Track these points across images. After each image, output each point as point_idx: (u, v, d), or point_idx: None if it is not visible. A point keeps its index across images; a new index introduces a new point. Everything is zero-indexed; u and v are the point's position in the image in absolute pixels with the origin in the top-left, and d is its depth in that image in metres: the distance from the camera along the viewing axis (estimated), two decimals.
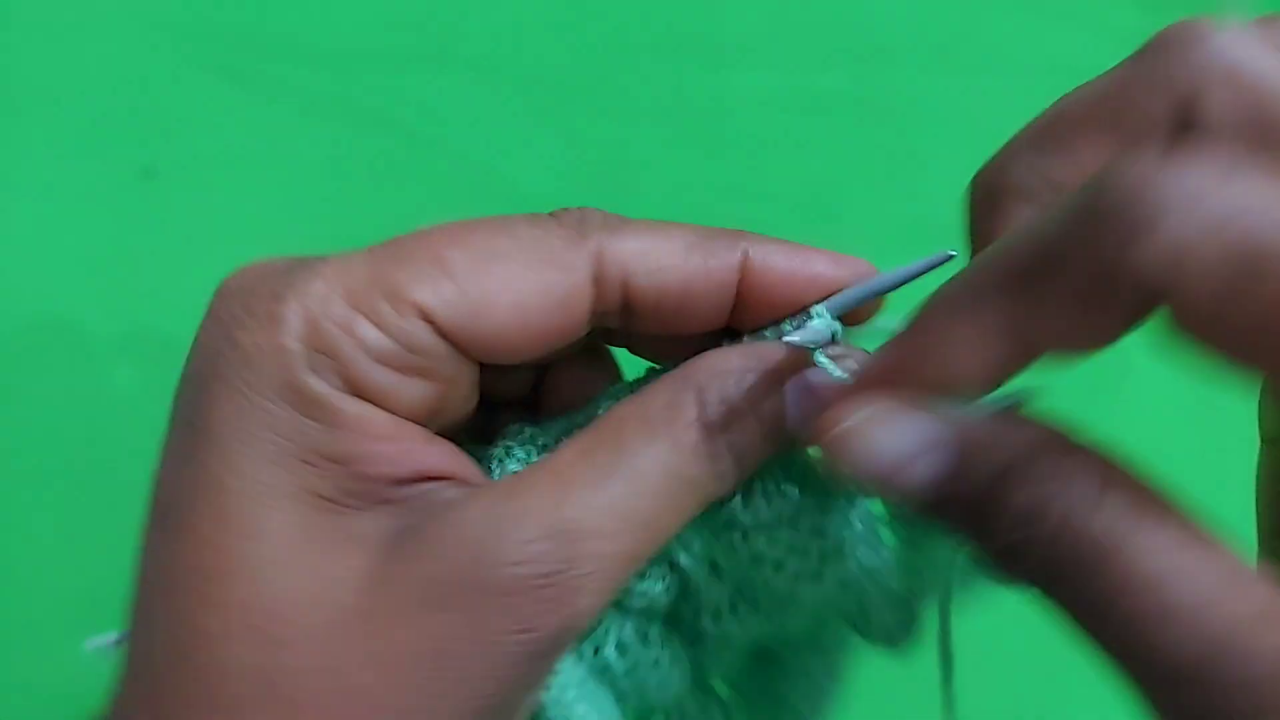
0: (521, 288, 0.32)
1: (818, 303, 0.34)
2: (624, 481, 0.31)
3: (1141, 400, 0.79)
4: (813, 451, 0.35)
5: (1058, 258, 0.26)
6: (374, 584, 0.29)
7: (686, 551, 0.36)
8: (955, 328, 0.28)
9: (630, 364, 0.40)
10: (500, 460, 0.36)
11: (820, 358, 0.33)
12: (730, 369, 0.33)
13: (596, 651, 0.37)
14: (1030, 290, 0.27)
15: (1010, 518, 0.27)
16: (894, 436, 0.29)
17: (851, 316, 0.36)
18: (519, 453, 0.36)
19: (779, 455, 0.35)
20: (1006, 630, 0.45)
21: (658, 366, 0.37)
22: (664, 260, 0.33)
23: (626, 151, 0.82)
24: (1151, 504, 0.26)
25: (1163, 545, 0.25)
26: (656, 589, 0.37)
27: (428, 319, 0.31)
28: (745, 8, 0.86)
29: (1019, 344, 0.28)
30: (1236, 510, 0.34)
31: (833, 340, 0.35)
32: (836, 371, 0.33)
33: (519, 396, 0.40)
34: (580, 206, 0.34)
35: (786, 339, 0.34)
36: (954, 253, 0.34)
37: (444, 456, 0.32)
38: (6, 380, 0.72)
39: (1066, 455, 0.27)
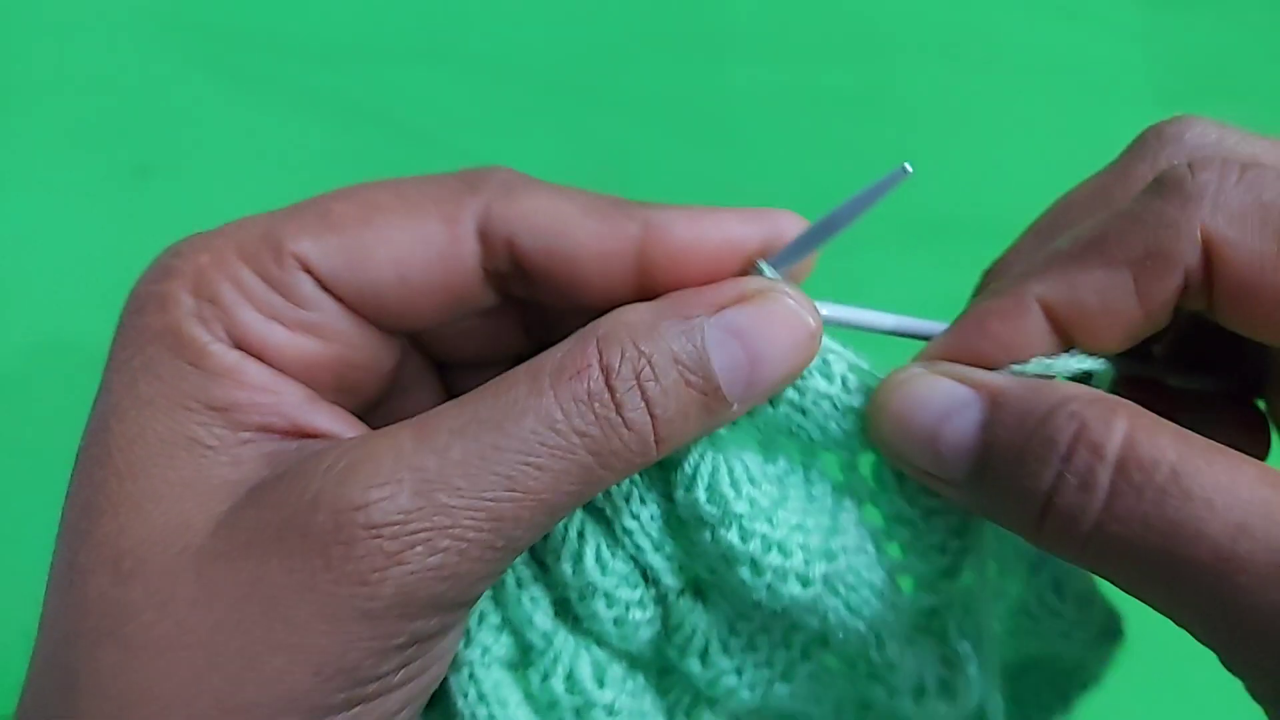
0: (399, 238, 0.31)
1: (764, 260, 0.32)
2: (496, 433, 0.28)
3: None
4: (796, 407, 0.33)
5: (1117, 232, 0.30)
6: (222, 527, 0.29)
7: (658, 550, 0.34)
8: (1004, 312, 0.31)
9: None
10: None
11: (761, 264, 0.32)
12: (639, 319, 0.30)
13: (544, 679, 0.35)
14: (1086, 261, 0.30)
15: (1065, 443, 0.27)
16: (936, 392, 0.30)
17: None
18: None
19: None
20: None
21: None
22: (553, 224, 0.31)
23: (626, 147, 0.82)
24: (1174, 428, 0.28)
25: (1208, 455, 0.26)
26: (631, 612, 0.34)
27: (308, 270, 0.31)
28: (746, 5, 0.85)
29: (1064, 320, 0.30)
30: None
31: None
32: (771, 273, 0.31)
33: None
34: (495, 166, 0.33)
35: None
36: (909, 167, 0.30)
37: (328, 418, 0.32)
38: (7, 377, 0.72)
39: (1104, 398, 0.28)
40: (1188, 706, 0.57)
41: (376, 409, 0.36)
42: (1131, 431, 0.27)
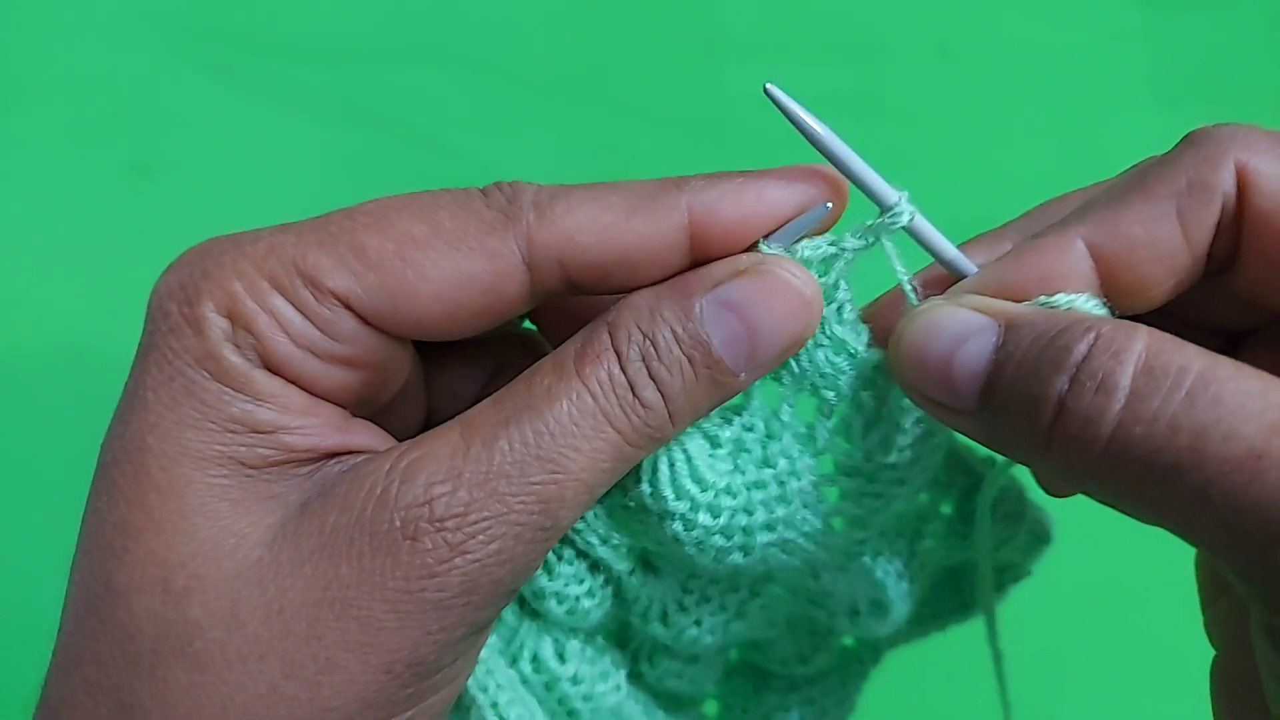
0: (443, 277, 0.31)
1: (765, 238, 0.33)
2: (531, 421, 0.30)
3: None
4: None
5: (1157, 173, 0.32)
6: (279, 538, 0.30)
7: (605, 543, 0.36)
8: (1045, 249, 0.32)
9: None
10: None
11: (762, 244, 0.32)
12: (643, 303, 0.32)
13: (514, 662, 0.39)
14: (1130, 200, 0.31)
15: (1081, 350, 0.27)
16: (953, 320, 0.31)
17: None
18: None
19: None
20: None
21: None
22: (602, 238, 0.32)
23: (624, 148, 0.82)
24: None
25: (1235, 366, 0.27)
26: (581, 602, 0.37)
27: (348, 306, 0.31)
28: (745, 7, 0.85)
29: (1110, 257, 0.31)
30: None
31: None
32: (772, 249, 0.32)
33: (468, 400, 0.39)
34: (512, 181, 0.33)
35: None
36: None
37: (363, 435, 0.33)
38: (7, 377, 0.72)
39: (1124, 321, 0.29)
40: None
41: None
42: (1154, 342, 0.27)
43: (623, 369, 0.31)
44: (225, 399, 0.30)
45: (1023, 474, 0.39)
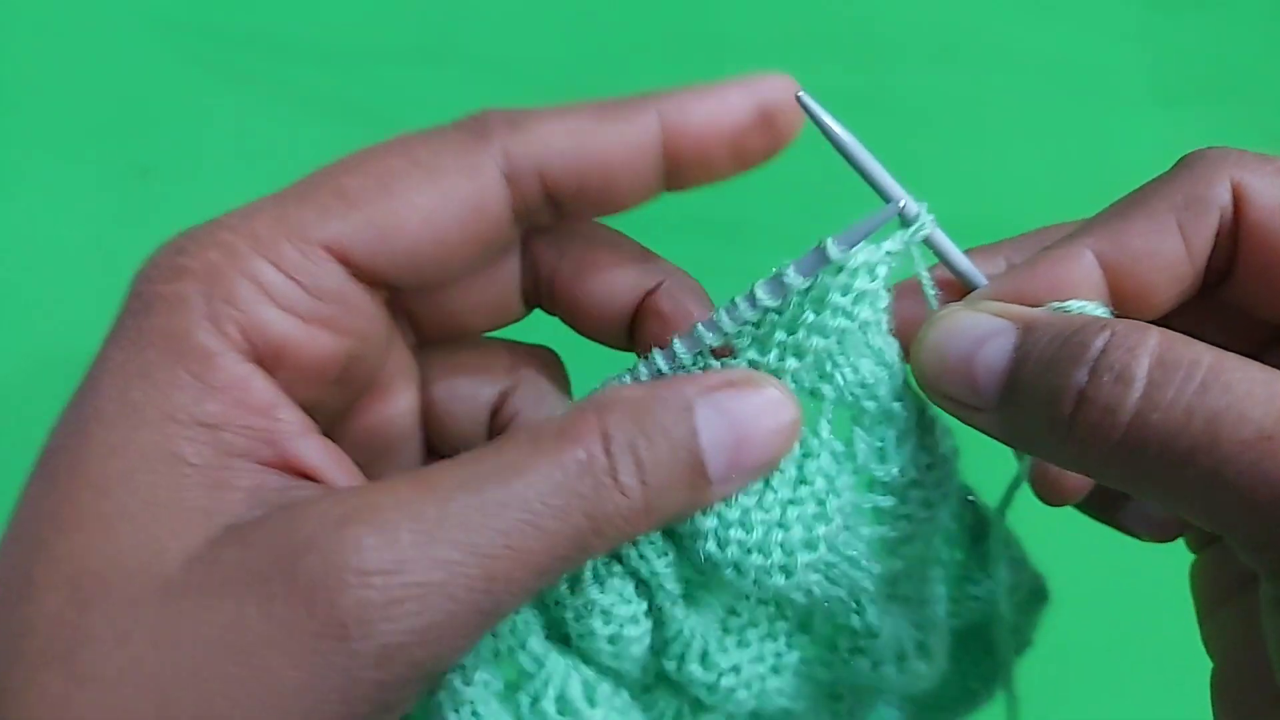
0: (427, 202, 0.31)
1: (833, 239, 0.33)
2: (498, 489, 0.28)
3: None
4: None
5: (1156, 191, 0.34)
6: (195, 561, 0.27)
7: (662, 556, 0.34)
8: (1056, 259, 0.33)
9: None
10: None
11: (829, 243, 0.32)
12: (636, 394, 0.31)
13: (535, 702, 0.34)
14: (1132, 214, 0.33)
15: (1099, 346, 0.29)
16: (973, 323, 0.32)
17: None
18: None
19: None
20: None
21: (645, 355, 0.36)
22: (578, 143, 0.32)
23: None
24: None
25: (1242, 360, 0.28)
26: (625, 629, 0.34)
27: (339, 256, 0.31)
28: (745, 6, 0.85)
29: (1116, 267, 0.33)
30: None
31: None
32: (836, 249, 0.32)
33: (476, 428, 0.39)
34: (484, 109, 0.33)
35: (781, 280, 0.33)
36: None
37: (319, 454, 0.31)
38: (7, 379, 0.72)
39: (1136, 321, 0.30)
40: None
41: (358, 405, 0.36)
42: (1165, 339, 0.29)
43: (607, 452, 0.29)
44: (178, 383, 0.29)
45: (1018, 505, 0.40)
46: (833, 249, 0.32)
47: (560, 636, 0.36)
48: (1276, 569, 0.29)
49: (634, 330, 0.38)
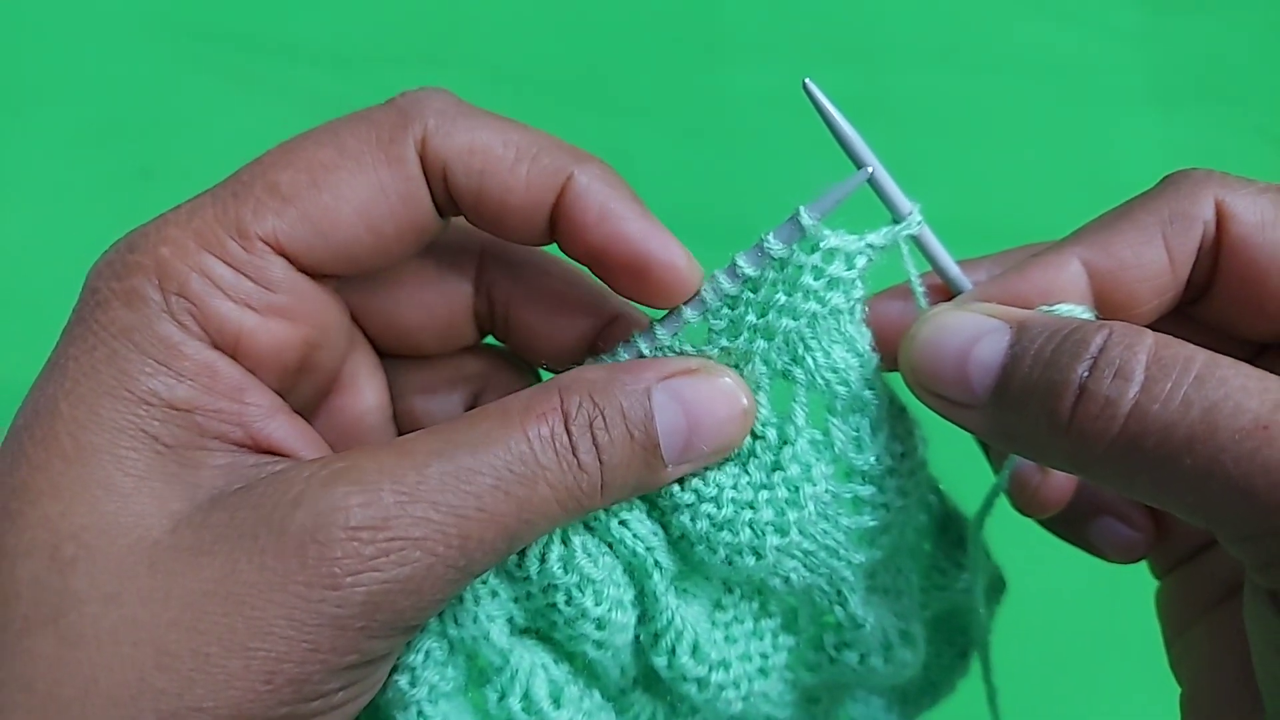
0: (357, 194, 0.32)
1: (805, 206, 0.33)
2: (470, 457, 0.30)
3: None
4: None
5: (1143, 206, 0.35)
6: (182, 525, 0.29)
7: (657, 533, 0.35)
8: (1045, 263, 0.34)
9: None
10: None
11: (801, 211, 0.33)
12: (596, 377, 0.33)
13: (502, 697, 0.35)
14: (1120, 226, 0.34)
15: (1097, 344, 0.30)
16: (966, 322, 0.33)
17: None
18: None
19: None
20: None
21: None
22: (486, 166, 0.33)
23: (626, 149, 0.82)
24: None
25: (1234, 360, 0.29)
26: (614, 613, 0.35)
27: (278, 250, 0.31)
28: (745, 6, 0.86)
29: (1103, 275, 0.34)
30: None
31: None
32: (809, 219, 0.33)
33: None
34: (427, 87, 0.34)
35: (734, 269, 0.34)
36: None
37: (289, 432, 0.32)
38: (7, 379, 0.72)
39: (1131, 325, 0.31)
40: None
41: (327, 403, 0.37)
42: (1160, 339, 0.30)
43: (567, 430, 0.31)
44: (146, 370, 0.30)
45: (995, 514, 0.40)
46: (805, 215, 0.33)
47: (534, 630, 0.36)
48: (1267, 559, 0.29)
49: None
